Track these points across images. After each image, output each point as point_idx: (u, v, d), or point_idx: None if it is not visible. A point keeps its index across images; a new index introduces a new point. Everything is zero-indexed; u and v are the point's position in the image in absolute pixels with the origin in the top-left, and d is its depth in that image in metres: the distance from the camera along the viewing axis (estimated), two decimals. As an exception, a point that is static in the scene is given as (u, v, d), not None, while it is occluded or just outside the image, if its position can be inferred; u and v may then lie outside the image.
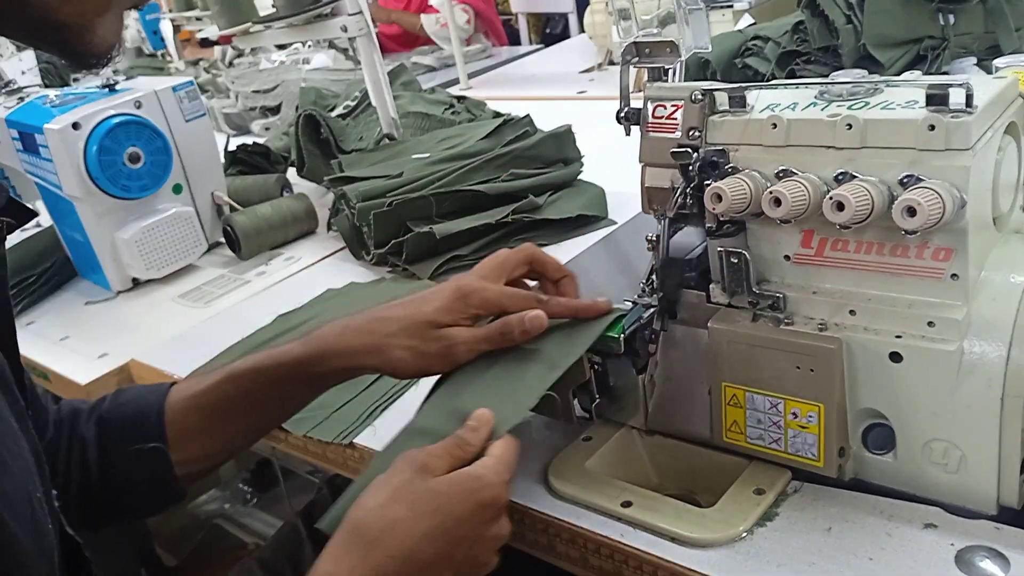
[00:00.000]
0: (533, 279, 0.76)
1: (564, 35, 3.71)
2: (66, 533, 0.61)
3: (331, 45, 2.23)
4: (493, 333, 0.69)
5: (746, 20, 1.76)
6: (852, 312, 0.62)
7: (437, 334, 0.69)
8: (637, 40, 0.72)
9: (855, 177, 0.58)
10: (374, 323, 0.71)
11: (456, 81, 2.34)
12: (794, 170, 0.61)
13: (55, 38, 0.53)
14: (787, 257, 0.64)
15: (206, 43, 1.81)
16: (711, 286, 0.68)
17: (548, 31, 4.36)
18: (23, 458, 0.55)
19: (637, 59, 0.73)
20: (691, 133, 0.67)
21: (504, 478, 0.59)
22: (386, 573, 0.54)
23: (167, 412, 0.74)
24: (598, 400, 0.72)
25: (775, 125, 0.62)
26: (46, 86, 1.84)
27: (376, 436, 0.83)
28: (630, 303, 0.71)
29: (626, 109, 0.73)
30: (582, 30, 2.57)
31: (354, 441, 0.83)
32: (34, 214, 0.57)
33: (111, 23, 0.55)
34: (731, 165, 0.64)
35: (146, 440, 0.73)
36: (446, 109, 1.60)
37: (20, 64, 1.87)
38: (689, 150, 0.66)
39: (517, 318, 0.68)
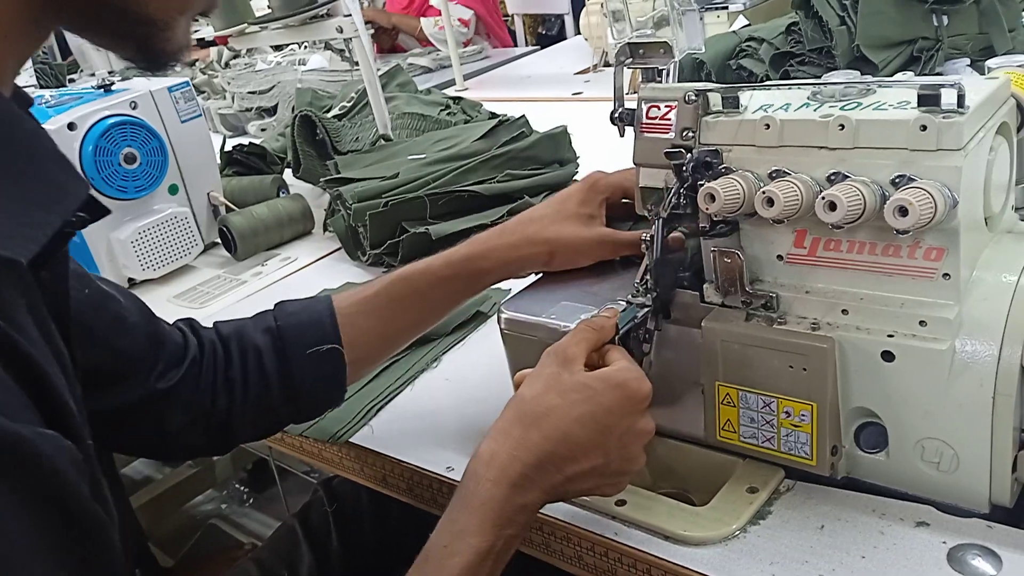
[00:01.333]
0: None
1: (560, 36, 3.72)
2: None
3: (327, 46, 2.23)
4: (639, 238, 0.74)
5: (740, 22, 1.77)
6: (844, 311, 0.62)
7: (591, 229, 0.80)
8: (631, 41, 0.73)
9: (847, 177, 0.58)
10: (527, 222, 0.81)
11: (452, 82, 2.34)
12: (787, 170, 0.61)
13: (139, 33, 0.54)
14: (780, 257, 0.65)
15: (202, 43, 1.81)
16: (705, 286, 0.68)
17: (544, 32, 4.36)
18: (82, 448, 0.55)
19: (631, 60, 0.73)
20: (685, 134, 0.67)
21: (642, 374, 0.63)
22: (542, 451, 0.59)
23: (339, 315, 0.77)
24: (593, 399, 0.72)
25: (768, 126, 0.62)
26: (42, 86, 1.84)
27: (373, 436, 0.84)
28: (624, 303, 0.71)
29: (620, 110, 0.73)
30: (578, 31, 2.58)
31: (350, 441, 0.84)
32: (107, 211, 0.58)
33: (185, 25, 0.56)
34: (724, 165, 0.64)
35: (323, 343, 0.76)
36: (442, 110, 1.60)
37: (16, 65, 1.87)
38: (683, 150, 0.66)
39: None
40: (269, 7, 1.53)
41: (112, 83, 1.28)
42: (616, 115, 0.73)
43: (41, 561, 0.41)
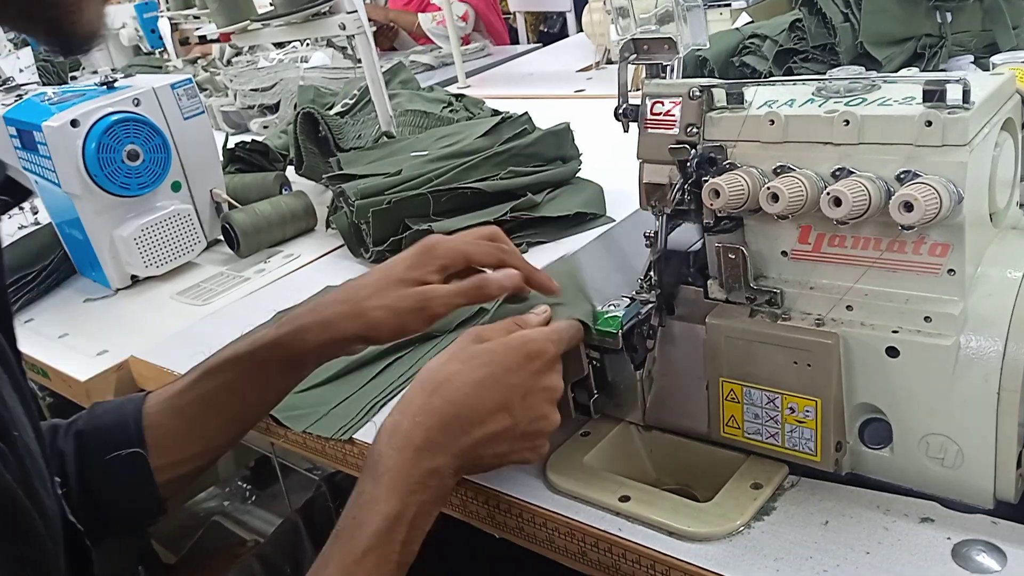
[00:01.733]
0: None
1: (562, 34, 3.72)
2: (67, 520, 0.61)
3: (329, 43, 2.23)
4: (468, 287, 0.71)
5: (744, 19, 1.77)
6: (849, 307, 0.62)
7: (410, 291, 0.71)
8: (635, 37, 0.73)
9: (852, 173, 0.58)
10: (346, 292, 0.73)
11: (454, 79, 2.34)
12: (791, 166, 0.61)
13: (48, 16, 0.53)
14: (784, 253, 0.65)
15: (204, 39, 1.81)
16: (709, 282, 0.68)
17: (546, 30, 4.36)
18: (29, 436, 0.54)
19: (635, 56, 0.73)
20: (689, 129, 0.67)
21: (551, 337, 0.63)
22: (445, 414, 0.59)
23: (145, 417, 0.72)
24: (596, 395, 0.72)
25: (772, 121, 0.62)
26: (44, 84, 1.84)
27: (376, 432, 0.84)
28: (628, 299, 0.71)
29: (624, 106, 0.73)
30: (580, 29, 2.57)
31: (354, 437, 0.84)
32: (30, 192, 0.57)
33: (95, 7, 0.55)
34: (729, 161, 0.64)
35: (124, 447, 0.71)
36: (444, 107, 1.60)
37: (18, 62, 1.87)
38: (687, 146, 0.66)
39: (495, 274, 0.71)
40: (271, 4, 1.53)
41: (115, 80, 1.28)
42: (620, 111, 0.73)
43: None
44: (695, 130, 0.67)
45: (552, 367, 0.63)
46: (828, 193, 0.57)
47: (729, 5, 1.76)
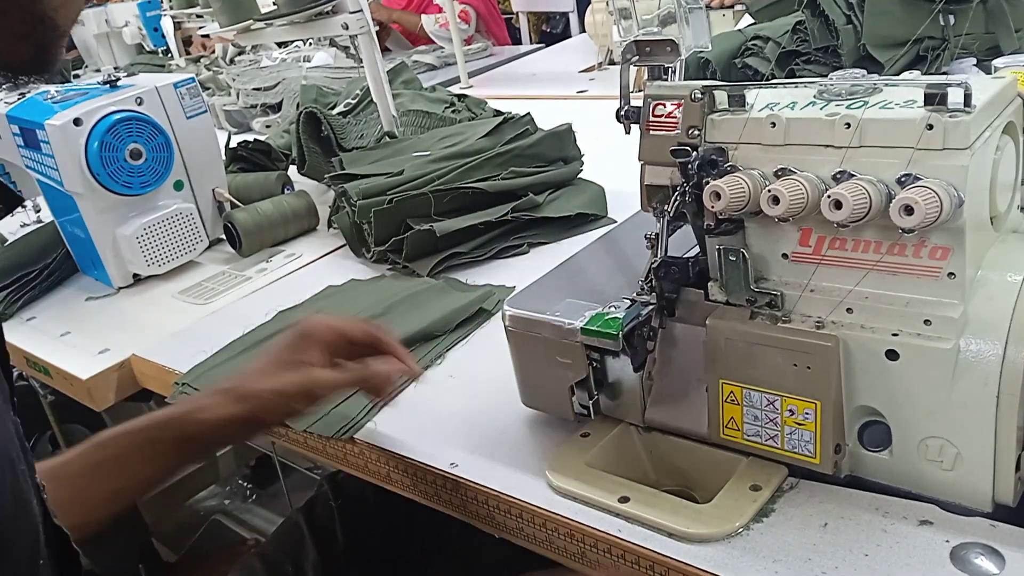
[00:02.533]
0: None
1: (565, 34, 3.72)
2: (55, 524, 0.61)
3: (332, 43, 2.23)
4: (353, 378, 0.76)
5: (746, 20, 1.77)
6: (849, 310, 0.62)
7: (295, 375, 0.74)
8: (637, 38, 0.73)
9: (853, 176, 0.58)
10: (237, 379, 0.77)
11: (457, 80, 2.34)
12: (792, 169, 0.61)
13: (39, 35, 0.53)
14: (785, 255, 0.65)
15: (207, 37, 1.81)
16: (709, 284, 0.68)
17: (548, 30, 4.36)
18: (5, 427, 0.55)
19: (637, 57, 0.73)
20: (691, 132, 0.67)
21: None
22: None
23: None
24: (596, 397, 0.73)
25: (774, 124, 0.62)
26: (47, 82, 1.84)
27: (377, 431, 0.84)
28: (629, 301, 0.71)
29: (626, 107, 0.73)
30: (582, 29, 2.58)
31: (355, 436, 0.84)
32: (20, 199, 0.57)
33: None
34: (730, 164, 0.64)
35: None
36: (447, 107, 1.60)
37: (22, 60, 1.87)
38: (688, 148, 0.66)
39: (381, 370, 0.76)
40: (274, 3, 1.53)
41: (118, 79, 1.28)
42: (622, 113, 0.73)
43: None
44: (696, 132, 0.67)
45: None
46: (829, 196, 0.57)
47: (732, 7, 1.77)
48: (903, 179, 0.57)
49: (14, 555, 0.50)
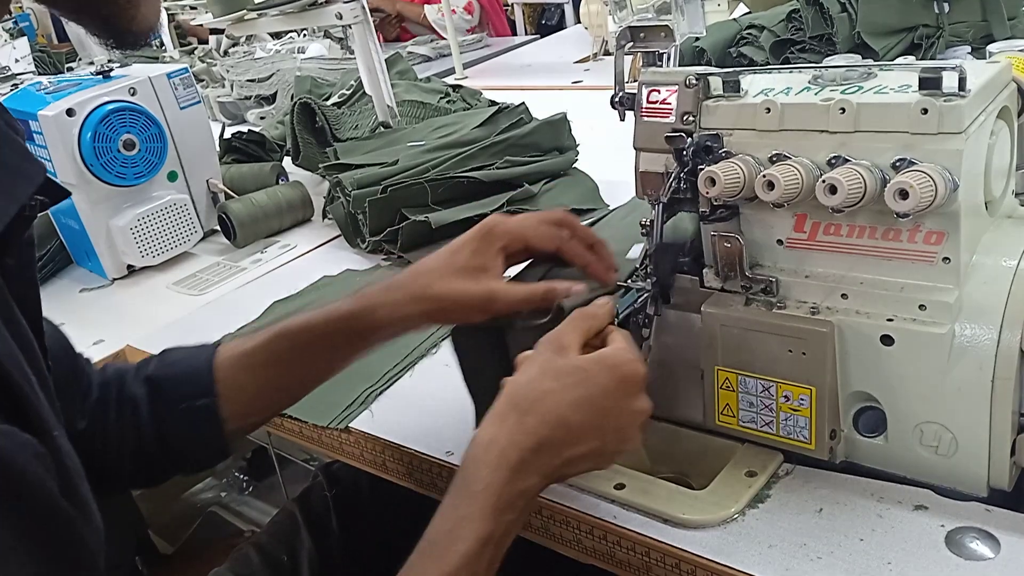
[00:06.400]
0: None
1: (560, 26, 3.71)
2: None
3: (326, 34, 2.22)
4: (534, 295, 0.71)
5: (741, 9, 1.76)
6: (844, 296, 0.62)
7: (478, 286, 0.72)
8: (632, 25, 0.72)
9: (848, 161, 0.58)
10: (415, 276, 0.74)
11: (452, 71, 2.33)
12: (787, 154, 0.61)
13: (103, 13, 0.53)
14: (780, 241, 0.65)
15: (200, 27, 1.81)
16: (704, 271, 0.68)
17: (544, 21, 4.34)
18: (62, 432, 0.54)
19: (632, 44, 0.73)
20: (685, 118, 0.67)
21: (637, 355, 0.62)
22: (539, 436, 0.58)
23: (217, 369, 0.75)
24: (592, 384, 0.72)
25: (769, 109, 0.62)
26: (40, 73, 1.83)
27: (373, 421, 0.84)
28: (624, 288, 0.71)
29: (620, 94, 0.73)
30: (578, 20, 2.57)
31: (350, 426, 0.84)
32: (67, 193, 0.57)
33: (153, 4, 0.55)
34: (725, 150, 0.64)
35: (197, 397, 0.74)
36: (441, 98, 1.60)
37: (14, 51, 1.87)
38: (683, 135, 0.66)
39: (564, 287, 0.70)
40: (268, -7, 1.53)
41: (111, 69, 1.27)
42: (616, 99, 0.73)
43: (6, 561, 0.41)
44: (691, 118, 0.66)
45: (643, 389, 0.62)
46: (824, 181, 0.57)
47: (727, -4, 1.76)
48: (898, 164, 0.57)
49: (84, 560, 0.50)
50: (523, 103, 1.39)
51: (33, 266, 0.58)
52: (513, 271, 0.77)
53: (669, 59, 0.73)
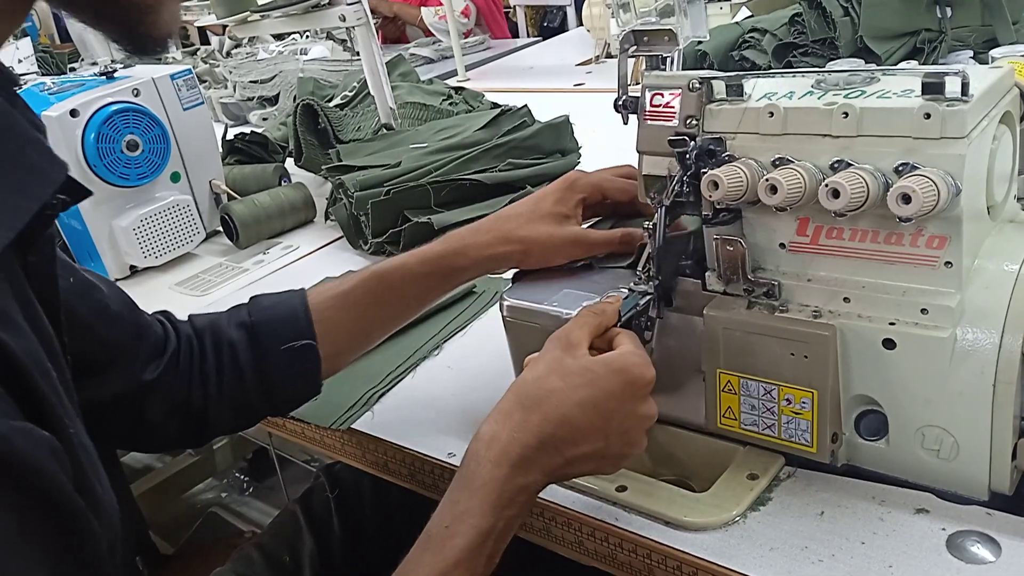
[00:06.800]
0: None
1: (562, 28, 3.71)
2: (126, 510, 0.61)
3: (329, 36, 2.22)
4: (613, 238, 0.79)
5: (744, 13, 1.76)
6: (846, 299, 0.62)
7: (564, 228, 0.79)
8: (635, 28, 0.73)
9: (851, 165, 0.59)
10: (502, 220, 0.81)
11: (454, 73, 2.34)
12: (790, 158, 0.61)
13: (122, 18, 0.54)
14: (782, 245, 0.65)
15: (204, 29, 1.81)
16: (707, 274, 0.68)
17: (546, 24, 4.35)
18: (80, 429, 0.55)
19: (635, 47, 0.73)
20: (688, 121, 0.67)
21: (647, 359, 0.63)
22: (543, 433, 0.59)
23: (313, 311, 0.77)
24: (594, 386, 0.72)
25: (772, 113, 0.62)
26: (43, 74, 1.83)
27: (374, 423, 0.84)
28: (626, 291, 0.71)
29: (624, 97, 0.73)
30: (580, 23, 2.57)
31: (352, 427, 0.84)
32: (88, 192, 0.58)
33: (173, 9, 0.56)
34: (728, 153, 0.64)
35: (298, 338, 0.76)
36: (444, 100, 1.60)
37: (17, 52, 1.87)
38: (686, 138, 0.66)
39: (639, 232, 0.76)
40: (271, -5, 1.53)
41: (114, 70, 1.28)
42: (620, 103, 0.73)
43: (20, 556, 0.42)
44: (694, 122, 0.67)
45: (649, 393, 0.63)
46: (826, 185, 0.57)
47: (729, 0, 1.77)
48: (900, 168, 0.57)
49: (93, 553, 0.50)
50: (525, 105, 1.39)
51: (54, 263, 0.58)
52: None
53: (672, 63, 0.73)
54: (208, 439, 0.80)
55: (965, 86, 0.56)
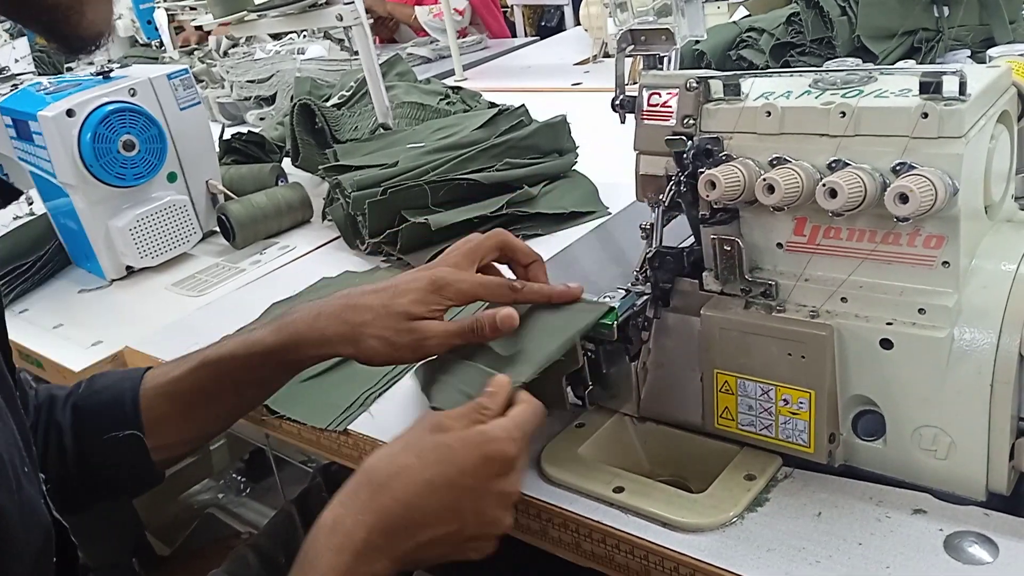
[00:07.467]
0: (503, 263, 0.78)
1: (559, 28, 3.71)
2: (53, 517, 0.61)
3: (326, 35, 2.22)
4: (465, 329, 0.70)
5: (741, 12, 1.76)
6: (843, 299, 0.62)
7: (410, 326, 0.70)
8: (633, 27, 0.73)
9: (848, 164, 0.58)
10: (348, 311, 0.71)
11: (451, 72, 2.33)
12: (788, 158, 0.61)
13: (44, 19, 0.53)
14: (780, 245, 0.65)
15: (200, 28, 1.81)
16: (704, 274, 0.68)
17: (543, 23, 4.35)
18: (8, 431, 0.54)
19: (633, 46, 0.73)
20: (686, 121, 0.67)
21: (513, 435, 0.59)
22: (391, 515, 0.55)
23: (142, 399, 0.75)
24: (591, 387, 0.72)
25: (769, 113, 0.62)
26: (40, 74, 1.83)
27: (372, 423, 0.84)
28: (623, 291, 0.71)
29: (621, 97, 0.73)
30: (577, 22, 2.57)
31: (348, 428, 0.84)
32: (19, 192, 0.57)
33: (101, 8, 0.54)
34: (725, 153, 0.64)
35: (121, 427, 0.74)
36: (441, 99, 1.60)
37: (14, 52, 1.87)
38: (683, 138, 0.66)
39: (489, 316, 0.69)
40: (268, -6, 1.53)
41: (111, 70, 1.27)
42: (617, 102, 0.73)
43: None
44: (692, 121, 0.67)
45: (511, 469, 0.59)
46: (824, 184, 0.57)
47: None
48: (898, 167, 0.57)
49: (16, 553, 0.50)
50: (523, 105, 1.39)
51: None
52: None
53: (669, 62, 0.73)
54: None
55: (963, 85, 0.56)
